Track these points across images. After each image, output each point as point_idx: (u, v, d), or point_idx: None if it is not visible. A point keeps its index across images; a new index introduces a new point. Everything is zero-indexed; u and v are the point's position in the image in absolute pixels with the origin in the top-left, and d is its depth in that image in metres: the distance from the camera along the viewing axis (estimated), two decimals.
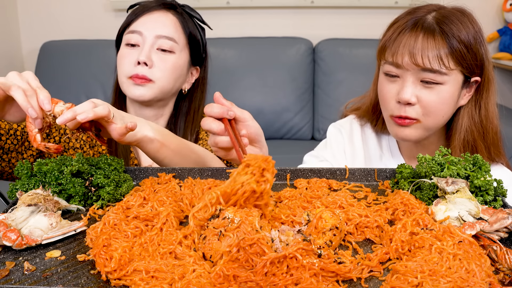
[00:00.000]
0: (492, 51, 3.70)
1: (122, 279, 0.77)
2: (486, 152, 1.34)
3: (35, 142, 1.03)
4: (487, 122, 1.34)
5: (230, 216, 0.87)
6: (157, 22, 1.46)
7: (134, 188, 1.09)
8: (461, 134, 1.32)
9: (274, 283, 0.73)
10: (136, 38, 1.45)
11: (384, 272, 0.80)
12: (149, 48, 1.44)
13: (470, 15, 1.30)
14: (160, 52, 1.45)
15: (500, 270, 0.79)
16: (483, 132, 1.33)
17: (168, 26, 1.47)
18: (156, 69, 1.44)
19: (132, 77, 1.43)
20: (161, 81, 1.45)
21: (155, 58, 1.45)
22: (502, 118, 1.42)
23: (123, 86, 1.47)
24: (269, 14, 3.63)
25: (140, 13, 1.47)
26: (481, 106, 1.33)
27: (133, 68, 1.44)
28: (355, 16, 3.59)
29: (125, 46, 1.48)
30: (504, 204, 0.98)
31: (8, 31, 3.55)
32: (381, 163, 1.47)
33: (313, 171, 1.16)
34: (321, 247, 0.81)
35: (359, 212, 0.93)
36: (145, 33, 1.45)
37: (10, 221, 0.88)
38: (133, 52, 1.45)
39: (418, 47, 1.23)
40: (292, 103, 3.32)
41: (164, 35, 1.45)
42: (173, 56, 1.47)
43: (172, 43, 1.46)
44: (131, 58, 1.45)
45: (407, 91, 1.26)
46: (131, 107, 1.55)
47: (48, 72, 3.32)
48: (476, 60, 1.27)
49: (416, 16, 1.29)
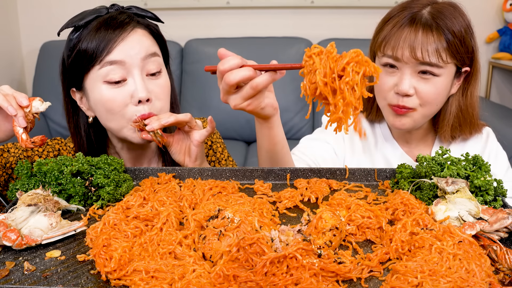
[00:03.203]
0: (492, 51, 3.70)
1: (122, 279, 0.77)
2: (468, 132, 1.45)
3: (22, 142, 1.11)
4: (471, 108, 1.42)
5: (230, 215, 0.87)
6: (135, 43, 1.22)
7: (134, 188, 1.09)
8: (450, 120, 1.41)
9: (274, 283, 0.73)
10: (119, 72, 1.20)
11: (384, 272, 0.80)
12: (142, 79, 1.22)
13: (460, 7, 1.35)
14: (150, 77, 1.25)
15: (500, 270, 0.79)
16: (468, 117, 1.42)
17: (146, 41, 1.25)
18: (156, 100, 1.25)
19: (136, 120, 1.22)
20: (163, 111, 1.28)
21: (150, 87, 1.24)
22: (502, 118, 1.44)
23: (123, 131, 1.25)
24: (269, 14, 3.63)
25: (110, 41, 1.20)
26: (467, 95, 1.41)
27: (134, 109, 1.22)
28: (355, 16, 3.59)
29: (106, 84, 1.21)
30: (504, 204, 0.98)
31: (8, 31, 3.55)
32: (377, 149, 1.54)
33: (313, 171, 1.16)
34: (321, 247, 0.81)
35: (362, 213, 0.93)
36: (128, 61, 1.21)
37: (10, 221, 0.88)
38: (122, 90, 1.21)
39: (418, 42, 1.28)
40: (292, 103, 3.33)
41: (149, 53, 1.24)
42: (163, 77, 1.29)
43: (158, 60, 1.27)
44: (123, 98, 1.21)
45: (405, 83, 1.32)
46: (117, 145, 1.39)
47: (48, 72, 3.32)
48: (467, 52, 1.33)
49: (411, 11, 1.33)
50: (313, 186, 1.09)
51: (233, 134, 3.41)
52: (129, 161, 1.41)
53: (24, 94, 1.12)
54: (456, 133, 1.44)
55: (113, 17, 1.24)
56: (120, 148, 1.39)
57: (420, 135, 1.50)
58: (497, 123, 1.56)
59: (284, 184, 1.15)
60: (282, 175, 1.15)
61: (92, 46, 1.20)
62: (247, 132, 3.33)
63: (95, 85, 1.23)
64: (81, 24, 1.24)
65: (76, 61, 1.24)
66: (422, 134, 1.50)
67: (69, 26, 1.25)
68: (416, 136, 1.51)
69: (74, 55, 1.24)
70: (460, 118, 1.42)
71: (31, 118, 1.12)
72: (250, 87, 1.00)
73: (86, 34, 1.22)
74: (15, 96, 1.11)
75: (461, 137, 1.47)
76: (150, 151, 1.44)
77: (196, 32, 3.59)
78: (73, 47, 1.24)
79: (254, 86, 1.00)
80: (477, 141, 1.49)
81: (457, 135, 1.45)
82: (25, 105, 1.10)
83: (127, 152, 1.39)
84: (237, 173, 1.15)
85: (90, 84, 1.24)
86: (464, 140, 1.48)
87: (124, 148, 1.38)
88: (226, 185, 1.08)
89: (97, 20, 1.24)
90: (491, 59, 3.63)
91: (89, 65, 1.22)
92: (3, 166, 1.25)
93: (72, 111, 1.34)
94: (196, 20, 3.59)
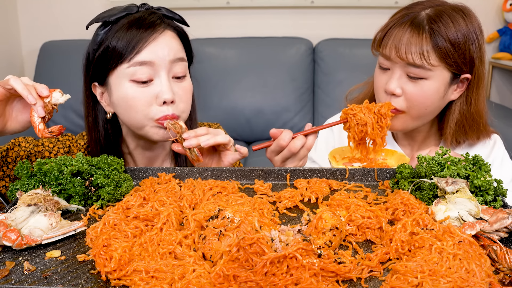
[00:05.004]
0: (492, 51, 3.70)
1: (122, 279, 0.77)
2: (475, 138, 1.44)
3: (39, 131, 1.11)
4: (478, 115, 1.41)
5: (230, 215, 0.87)
6: (164, 45, 1.24)
7: (134, 188, 1.09)
8: (453, 126, 1.40)
9: (274, 283, 0.73)
10: (147, 72, 1.22)
11: (384, 272, 0.80)
12: (168, 80, 1.24)
13: (468, 13, 1.33)
14: (175, 80, 1.27)
15: (500, 270, 0.79)
16: (474, 123, 1.41)
17: (175, 45, 1.26)
18: (179, 102, 1.27)
19: (160, 119, 1.23)
20: (185, 114, 1.30)
21: (175, 90, 1.26)
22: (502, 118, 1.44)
23: (146, 128, 1.26)
24: (269, 14, 3.63)
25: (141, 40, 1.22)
26: (471, 102, 1.39)
27: (158, 109, 1.23)
28: (355, 16, 3.59)
29: (133, 83, 1.22)
30: (504, 204, 0.98)
31: (8, 31, 3.55)
32: None
33: (313, 171, 1.16)
34: (321, 247, 0.81)
35: (362, 213, 0.93)
36: (158, 62, 1.22)
37: (10, 221, 0.88)
38: (148, 89, 1.23)
39: (403, 42, 1.29)
40: (292, 103, 3.32)
41: (177, 57, 1.26)
42: (187, 81, 1.31)
43: (184, 64, 1.29)
44: (148, 98, 1.23)
45: (392, 83, 1.33)
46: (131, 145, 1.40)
47: (48, 72, 3.32)
48: (464, 59, 1.30)
49: (411, 11, 1.33)
50: (313, 186, 1.09)
51: (233, 134, 3.41)
52: (142, 162, 1.42)
53: (45, 85, 1.12)
54: (461, 138, 1.42)
55: (144, 17, 1.25)
56: (134, 148, 1.40)
57: (422, 138, 1.50)
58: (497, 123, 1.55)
59: (284, 184, 1.15)
60: (282, 175, 1.15)
61: (121, 44, 1.21)
62: (247, 132, 3.33)
63: (120, 82, 1.24)
64: (111, 20, 1.25)
65: (103, 57, 1.24)
66: (424, 138, 1.50)
67: (99, 21, 1.27)
68: (418, 140, 1.51)
69: (101, 50, 1.24)
70: (465, 125, 1.40)
71: (50, 109, 1.12)
72: (308, 146, 1.30)
73: (115, 31, 1.23)
74: (35, 86, 1.10)
75: (467, 142, 1.45)
76: (164, 153, 1.44)
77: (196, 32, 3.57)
78: (101, 43, 1.25)
79: (308, 147, 1.30)
80: (483, 147, 1.47)
81: (462, 140, 1.43)
82: (45, 95, 1.10)
83: (141, 152, 1.40)
84: (237, 173, 1.15)
85: (115, 81, 1.25)
86: (470, 145, 1.47)
87: (139, 148, 1.39)
88: (226, 185, 1.08)
89: (127, 18, 1.25)
90: (491, 59, 3.63)
91: (117, 62, 1.22)
92: (13, 160, 1.27)
93: (91, 105, 1.35)
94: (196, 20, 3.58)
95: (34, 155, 1.30)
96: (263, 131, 3.33)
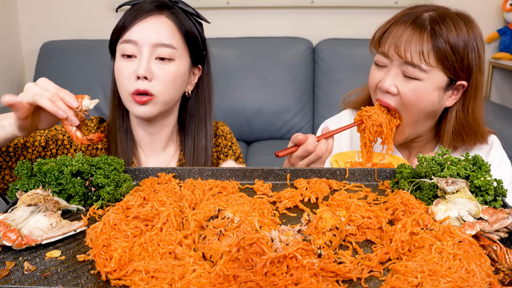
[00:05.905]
0: (492, 51, 3.70)
1: (122, 279, 0.77)
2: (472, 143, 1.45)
3: (78, 139, 1.12)
4: (475, 124, 1.40)
5: (230, 215, 0.87)
6: (151, 29, 1.34)
7: (134, 188, 1.09)
8: (449, 132, 1.41)
9: (274, 283, 0.73)
10: (131, 49, 1.34)
11: (384, 272, 0.80)
12: (147, 59, 1.33)
13: (471, 22, 1.32)
14: (159, 61, 1.35)
15: (500, 270, 0.79)
16: (471, 131, 1.41)
17: (164, 31, 1.35)
18: (157, 82, 1.34)
19: (134, 93, 1.33)
20: (162, 95, 1.36)
21: (155, 69, 1.34)
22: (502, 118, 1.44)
23: (126, 102, 1.38)
24: (269, 14, 3.63)
25: (133, 20, 1.34)
26: (468, 111, 1.39)
27: (133, 83, 1.33)
28: (355, 16, 3.59)
29: (121, 57, 1.36)
30: (504, 204, 0.98)
31: (8, 31, 3.55)
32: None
33: (313, 171, 1.16)
34: (321, 247, 0.81)
35: (362, 213, 0.93)
36: (140, 42, 1.33)
37: (10, 221, 0.88)
38: (131, 64, 1.34)
39: (403, 40, 1.29)
40: (292, 103, 3.33)
41: (162, 42, 1.34)
42: (173, 64, 1.36)
43: (171, 50, 1.35)
44: (129, 71, 1.34)
45: (387, 80, 1.34)
46: (134, 120, 1.48)
47: (48, 72, 3.32)
48: (461, 64, 1.30)
49: (414, 12, 1.33)
50: (313, 186, 1.09)
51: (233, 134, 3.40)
52: (145, 138, 1.49)
53: (69, 92, 1.10)
54: (459, 144, 1.43)
55: (150, 2, 1.39)
56: (136, 124, 1.48)
57: (421, 144, 1.50)
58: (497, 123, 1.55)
59: (284, 184, 1.15)
60: (282, 175, 1.15)
61: (120, 22, 1.38)
62: (247, 132, 3.33)
63: (117, 57, 1.39)
64: (131, 3, 1.42)
65: (113, 33, 1.41)
66: (423, 143, 1.50)
67: (126, 4, 1.44)
68: (417, 145, 1.50)
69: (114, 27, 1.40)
70: (462, 133, 1.40)
71: (82, 116, 1.11)
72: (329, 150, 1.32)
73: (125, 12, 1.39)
74: (61, 96, 1.09)
75: (464, 147, 1.45)
76: (164, 134, 1.50)
77: None
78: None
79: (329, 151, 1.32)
80: (480, 151, 1.47)
81: (459, 145, 1.44)
82: (75, 106, 1.09)
83: (142, 128, 1.48)
84: (237, 173, 1.15)
85: (116, 55, 1.40)
86: (466, 150, 1.46)
87: (140, 124, 1.48)
88: (226, 185, 1.08)
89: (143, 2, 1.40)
90: (491, 59, 3.63)
91: (116, 38, 1.39)
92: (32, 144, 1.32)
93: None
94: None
95: (51, 139, 1.36)
96: (263, 131, 3.33)
